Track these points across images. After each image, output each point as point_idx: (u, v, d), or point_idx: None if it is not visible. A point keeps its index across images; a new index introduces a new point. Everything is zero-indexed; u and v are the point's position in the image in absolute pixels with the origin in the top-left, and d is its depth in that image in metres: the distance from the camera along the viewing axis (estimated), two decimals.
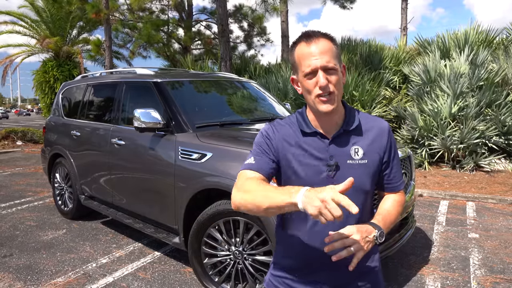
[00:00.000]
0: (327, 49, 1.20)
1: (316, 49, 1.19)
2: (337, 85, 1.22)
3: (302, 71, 1.22)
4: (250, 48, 16.10)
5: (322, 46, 1.20)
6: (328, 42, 1.21)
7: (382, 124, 1.33)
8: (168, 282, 3.10)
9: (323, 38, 1.22)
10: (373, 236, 1.18)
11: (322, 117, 1.27)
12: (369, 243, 1.17)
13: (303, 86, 1.24)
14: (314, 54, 1.19)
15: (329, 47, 1.21)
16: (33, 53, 16.30)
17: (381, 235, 1.19)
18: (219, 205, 2.70)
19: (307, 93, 1.25)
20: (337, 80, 1.22)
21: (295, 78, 1.30)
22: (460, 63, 7.75)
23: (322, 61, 1.19)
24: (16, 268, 3.37)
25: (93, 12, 10.63)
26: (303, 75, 1.22)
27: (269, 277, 1.40)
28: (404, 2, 13.60)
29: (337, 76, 1.22)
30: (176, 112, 3.23)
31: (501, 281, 3.06)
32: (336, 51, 1.23)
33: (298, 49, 1.23)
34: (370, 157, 1.27)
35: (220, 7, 8.75)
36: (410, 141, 7.45)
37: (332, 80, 1.20)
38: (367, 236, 1.16)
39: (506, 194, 5.49)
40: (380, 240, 1.19)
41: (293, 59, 1.26)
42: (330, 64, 1.19)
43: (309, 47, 1.20)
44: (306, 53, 1.21)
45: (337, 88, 1.22)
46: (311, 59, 1.19)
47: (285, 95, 8.80)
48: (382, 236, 1.19)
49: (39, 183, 6.88)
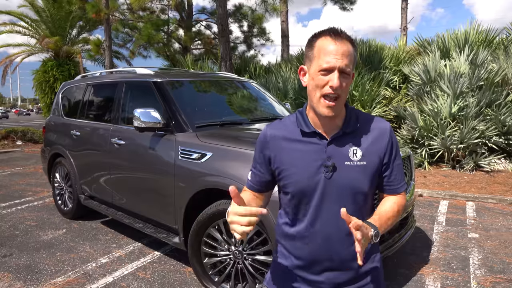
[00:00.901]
0: (350, 52, 1.19)
1: (340, 48, 1.18)
2: (346, 91, 1.21)
3: (319, 65, 1.19)
4: (250, 48, 16.12)
5: (346, 48, 1.18)
6: (351, 47, 1.20)
7: (383, 125, 1.31)
8: (168, 282, 3.10)
9: (348, 41, 1.20)
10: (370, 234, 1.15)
11: (322, 118, 1.25)
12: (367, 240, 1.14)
13: (313, 79, 1.21)
14: (337, 53, 1.17)
15: (351, 52, 1.20)
16: (33, 53, 16.32)
17: (376, 235, 1.15)
18: (219, 205, 2.70)
19: (314, 88, 1.21)
20: (347, 85, 1.21)
21: (305, 68, 1.27)
22: (460, 63, 7.76)
23: (342, 62, 1.17)
24: (16, 268, 3.37)
25: (93, 12, 10.63)
26: (318, 69, 1.19)
27: (269, 275, 1.41)
28: (404, 2, 13.61)
29: (349, 81, 1.21)
30: (176, 111, 3.23)
31: (501, 281, 3.06)
32: (355, 58, 1.22)
33: (322, 41, 1.20)
34: (369, 158, 1.26)
35: (220, 7, 8.75)
36: (410, 141, 7.45)
37: (343, 85, 1.19)
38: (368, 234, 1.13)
39: (506, 194, 5.49)
40: (375, 240, 1.15)
41: (311, 49, 1.23)
42: (348, 69, 1.18)
43: (334, 43, 1.18)
44: (329, 48, 1.18)
45: (345, 93, 1.22)
46: (333, 56, 1.17)
47: (285, 95, 8.80)
48: (377, 236, 1.15)
49: (39, 183, 6.88)
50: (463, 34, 8.56)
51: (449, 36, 8.82)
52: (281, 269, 1.36)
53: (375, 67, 9.22)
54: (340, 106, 1.23)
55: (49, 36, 14.68)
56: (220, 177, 2.66)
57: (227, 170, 2.64)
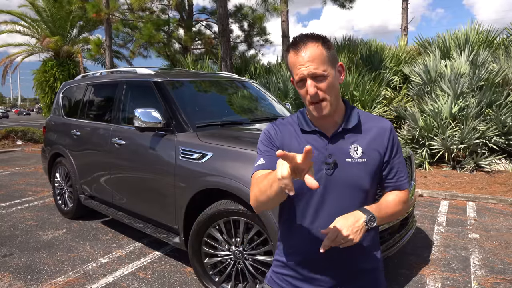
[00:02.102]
0: (315, 56, 1.18)
1: (303, 57, 1.19)
2: (328, 90, 1.21)
3: (294, 80, 1.24)
4: (251, 48, 16.11)
5: (310, 53, 1.18)
6: (316, 47, 1.19)
7: (384, 123, 1.33)
8: (168, 282, 3.10)
9: (311, 42, 1.20)
10: (362, 222, 1.18)
11: (320, 118, 1.27)
12: (359, 230, 1.17)
13: (299, 93, 1.27)
14: (301, 63, 1.19)
15: (317, 53, 1.19)
16: (33, 53, 16.31)
17: (371, 220, 1.19)
18: (220, 205, 2.70)
19: (301, 97, 1.27)
20: (328, 85, 1.21)
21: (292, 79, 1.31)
22: (460, 63, 7.75)
23: (309, 69, 1.18)
24: (16, 268, 3.37)
25: (94, 12, 10.62)
26: (295, 83, 1.24)
27: (271, 274, 1.41)
28: (404, 2, 13.60)
29: (328, 81, 1.21)
30: (177, 111, 3.22)
31: (501, 281, 3.06)
32: (327, 54, 1.20)
33: (289, 57, 1.24)
34: (370, 155, 1.27)
35: (221, 7, 8.75)
36: (410, 141, 7.45)
37: (322, 87, 1.20)
38: (355, 225, 1.17)
39: (506, 195, 5.49)
40: (370, 225, 1.18)
41: (287, 65, 1.28)
42: (318, 71, 1.18)
43: (296, 55, 1.20)
44: (293, 62, 1.21)
45: (329, 93, 1.21)
46: (299, 67, 1.20)
47: (285, 95, 8.80)
48: (372, 220, 1.19)
49: (39, 183, 6.88)
50: (463, 34, 8.56)
51: (450, 36, 8.82)
52: (282, 268, 1.37)
53: (375, 67, 9.22)
54: (331, 104, 1.23)
55: (50, 36, 14.67)
56: (221, 177, 2.66)
57: (228, 170, 2.64)
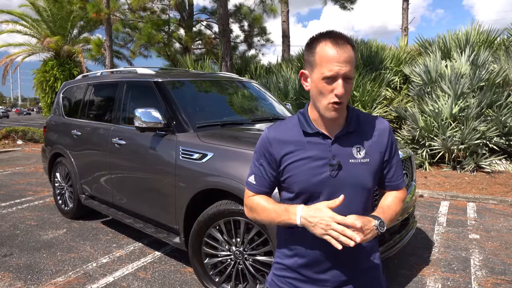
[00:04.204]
0: (351, 58, 1.18)
1: (342, 55, 1.17)
2: (348, 94, 1.23)
3: (322, 73, 1.19)
4: (251, 48, 16.13)
5: (348, 54, 1.17)
6: (352, 50, 1.19)
7: (383, 124, 1.35)
8: (169, 282, 3.10)
9: (349, 45, 1.19)
10: (373, 225, 1.19)
11: (327, 119, 1.27)
12: (370, 232, 1.18)
13: (317, 87, 1.21)
14: (339, 60, 1.16)
15: (352, 56, 1.19)
16: (33, 53, 16.32)
17: (381, 225, 1.21)
18: (220, 205, 2.69)
19: (319, 94, 1.22)
20: (350, 90, 1.23)
21: (306, 73, 1.26)
22: (461, 63, 7.75)
23: (346, 69, 1.17)
24: (16, 268, 3.37)
25: (94, 12, 10.63)
26: (321, 77, 1.19)
27: (272, 277, 1.41)
28: (405, 2, 13.60)
29: (351, 86, 1.23)
30: (177, 111, 3.22)
31: (502, 282, 3.05)
32: (356, 60, 1.22)
33: (323, 48, 1.19)
34: (372, 156, 1.29)
35: (221, 7, 8.75)
36: (410, 141, 7.45)
37: (347, 90, 1.20)
38: (367, 225, 1.18)
39: (506, 195, 5.48)
40: (381, 230, 1.20)
41: (312, 54, 1.22)
42: (351, 74, 1.19)
43: (336, 51, 1.17)
44: (331, 56, 1.17)
45: (348, 97, 1.23)
46: (335, 64, 1.16)
47: (285, 95, 8.80)
48: (382, 226, 1.21)
49: (39, 183, 6.88)
50: (464, 35, 8.55)
51: (450, 37, 8.81)
52: (284, 270, 1.36)
53: (375, 68, 9.21)
54: (344, 108, 1.26)
55: (50, 36, 14.68)
56: (221, 177, 2.66)
57: (228, 170, 2.64)
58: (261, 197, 1.35)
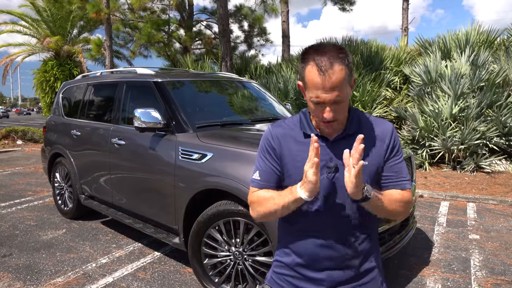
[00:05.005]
0: (339, 80, 1.13)
1: (329, 82, 1.13)
2: (343, 111, 1.21)
3: (310, 97, 1.19)
4: (251, 48, 16.13)
5: (335, 78, 1.13)
6: (342, 69, 1.14)
7: (385, 125, 1.32)
8: (168, 282, 3.09)
9: (338, 65, 1.13)
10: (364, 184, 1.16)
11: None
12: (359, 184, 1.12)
13: (309, 104, 1.22)
14: (326, 88, 1.14)
15: (342, 76, 1.14)
16: (33, 53, 16.30)
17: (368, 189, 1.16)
18: (219, 206, 2.69)
19: (312, 111, 1.24)
20: (344, 107, 1.20)
21: (301, 85, 1.25)
22: (461, 63, 7.75)
23: (332, 96, 1.15)
24: (15, 268, 3.37)
25: (94, 12, 10.63)
26: (310, 99, 1.20)
27: (271, 274, 1.42)
28: (405, 2, 13.60)
29: (344, 103, 1.19)
30: (177, 112, 3.22)
31: (502, 282, 3.05)
32: (348, 73, 1.16)
33: (310, 72, 1.16)
34: (371, 158, 1.27)
35: (221, 7, 8.75)
36: (410, 141, 7.44)
37: (338, 109, 1.19)
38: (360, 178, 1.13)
39: (506, 195, 5.48)
40: (367, 193, 1.16)
41: (302, 73, 1.20)
42: (340, 97, 1.16)
43: (321, 78, 1.13)
44: (317, 83, 1.14)
45: (342, 113, 1.22)
46: (321, 91, 1.15)
47: (285, 95, 8.80)
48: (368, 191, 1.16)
49: (39, 183, 6.87)
50: (464, 35, 8.55)
51: (450, 37, 8.81)
52: (282, 268, 1.37)
53: (375, 68, 9.21)
54: (340, 120, 1.25)
55: (50, 36, 14.67)
56: (221, 178, 2.66)
57: (228, 170, 2.63)
58: (265, 190, 1.33)
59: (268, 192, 1.31)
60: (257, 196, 1.33)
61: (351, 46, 10.42)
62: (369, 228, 1.34)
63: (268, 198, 1.28)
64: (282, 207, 1.24)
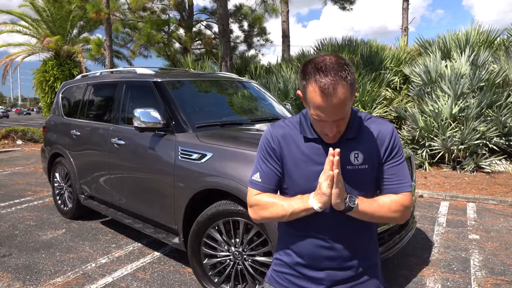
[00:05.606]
0: (342, 101, 1.11)
1: (331, 103, 1.11)
2: (344, 124, 1.21)
3: (311, 113, 1.18)
4: (251, 48, 16.12)
5: (338, 99, 1.10)
6: (345, 91, 1.11)
7: (385, 127, 1.30)
8: (168, 282, 3.09)
9: (341, 86, 1.10)
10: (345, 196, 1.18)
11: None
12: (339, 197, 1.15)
13: (311, 116, 1.20)
14: (327, 111, 1.13)
15: (345, 96, 1.11)
16: (33, 52, 16.30)
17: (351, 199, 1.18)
18: (219, 206, 2.69)
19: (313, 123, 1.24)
20: (345, 120, 1.20)
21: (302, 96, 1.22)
22: (461, 63, 7.74)
23: (334, 117, 1.14)
24: (15, 268, 3.36)
25: (94, 12, 10.63)
26: (310, 114, 1.19)
27: (271, 273, 1.42)
28: (405, 2, 13.59)
29: (346, 117, 1.19)
30: (176, 112, 3.22)
31: (502, 282, 3.05)
32: (351, 89, 1.13)
33: (312, 92, 1.13)
34: (370, 161, 1.26)
35: (221, 7, 8.74)
36: (410, 141, 7.44)
37: (340, 123, 1.19)
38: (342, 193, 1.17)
39: (506, 195, 5.48)
40: (350, 203, 1.18)
41: (303, 87, 1.16)
42: (342, 115, 1.15)
43: (322, 99, 1.11)
44: (319, 105, 1.12)
45: (344, 125, 1.21)
46: (323, 113, 1.14)
47: (285, 95, 8.80)
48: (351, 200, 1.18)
49: (38, 183, 6.87)
50: (464, 35, 8.55)
51: (450, 37, 8.81)
52: (282, 266, 1.38)
53: (375, 68, 9.21)
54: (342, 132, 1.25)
55: (50, 36, 14.67)
56: (220, 178, 2.65)
57: (227, 170, 2.63)
58: (268, 195, 1.31)
59: (272, 196, 1.30)
60: (259, 199, 1.31)
61: (351, 46, 10.42)
62: (369, 228, 1.34)
63: (274, 203, 1.27)
64: (291, 214, 1.24)
